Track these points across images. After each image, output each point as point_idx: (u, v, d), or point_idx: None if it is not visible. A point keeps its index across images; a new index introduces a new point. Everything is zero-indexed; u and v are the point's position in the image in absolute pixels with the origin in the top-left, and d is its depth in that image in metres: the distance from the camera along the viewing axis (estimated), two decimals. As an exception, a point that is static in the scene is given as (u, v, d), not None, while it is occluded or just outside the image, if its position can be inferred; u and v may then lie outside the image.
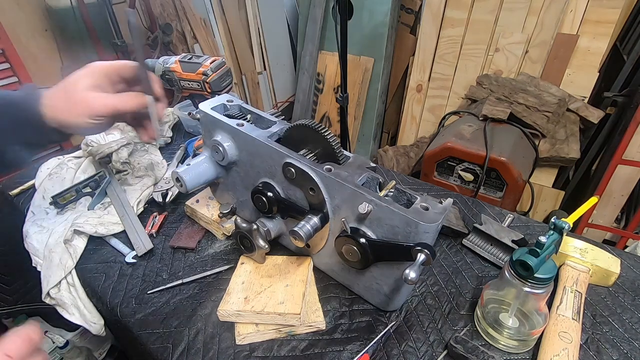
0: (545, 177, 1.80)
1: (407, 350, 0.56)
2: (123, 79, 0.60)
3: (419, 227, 0.47)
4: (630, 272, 0.66)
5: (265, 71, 2.90)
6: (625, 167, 1.57)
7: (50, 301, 0.72)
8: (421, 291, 0.65)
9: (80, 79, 0.55)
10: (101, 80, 0.56)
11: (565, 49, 1.74)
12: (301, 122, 0.57)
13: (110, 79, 0.58)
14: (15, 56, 1.66)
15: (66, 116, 0.54)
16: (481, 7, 1.89)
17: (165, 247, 0.77)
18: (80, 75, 0.56)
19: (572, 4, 1.69)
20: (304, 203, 0.59)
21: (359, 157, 0.57)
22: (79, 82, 0.55)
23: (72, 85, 0.55)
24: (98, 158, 0.93)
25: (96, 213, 0.81)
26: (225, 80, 0.90)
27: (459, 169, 1.65)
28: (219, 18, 2.53)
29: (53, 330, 1.13)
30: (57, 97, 0.55)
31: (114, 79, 0.58)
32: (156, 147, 1.03)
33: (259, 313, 0.57)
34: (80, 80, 0.55)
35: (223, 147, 0.64)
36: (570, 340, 0.51)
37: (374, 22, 2.21)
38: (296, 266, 0.66)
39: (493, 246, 0.70)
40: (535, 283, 0.49)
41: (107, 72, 0.57)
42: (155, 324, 0.62)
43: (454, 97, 2.09)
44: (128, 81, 0.60)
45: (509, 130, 1.67)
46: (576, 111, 1.72)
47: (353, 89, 2.36)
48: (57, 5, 1.94)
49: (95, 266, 0.74)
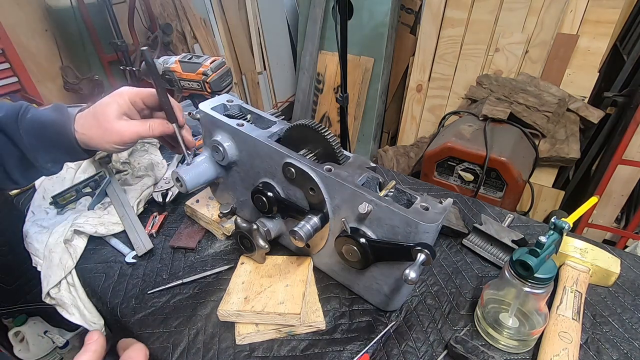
0: (545, 177, 1.80)
1: (407, 350, 0.56)
2: (148, 106, 0.64)
3: (419, 227, 0.47)
4: (630, 272, 0.66)
5: (265, 71, 2.90)
6: (625, 167, 1.57)
7: (50, 301, 0.72)
8: (421, 291, 0.65)
9: (109, 106, 0.59)
10: (128, 107, 0.61)
11: (565, 49, 1.74)
12: (301, 122, 0.57)
13: (137, 105, 0.62)
14: (15, 56, 1.67)
15: (97, 143, 0.59)
16: (481, 7, 1.89)
17: (165, 247, 0.77)
18: (109, 102, 0.59)
19: (572, 4, 1.69)
20: (304, 203, 0.59)
21: (359, 157, 0.57)
22: (108, 111, 0.59)
23: (102, 114, 0.58)
24: (98, 158, 0.93)
25: (96, 213, 0.81)
26: (225, 80, 0.90)
27: (459, 169, 1.65)
28: (219, 18, 2.54)
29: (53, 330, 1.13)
30: (89, 125, 0.59)
31: (139, 105, 0.63)
32: (156, 147, 1.03)
33: (259, 313, 0.57)
34: (109, 108, 0.59)
35: (223, 147, 0.64)
36: (570, 340, 0.51)
37: (374, 22, 2.21)
38: (296, 266, 0.66)
39: (493, 246, 0.70)
40: (535, 283, 0.49)
41: (134, 99, 0.61)
42: (155, 324, 0.62)
43: (454, 97, 2.09)
44: (152, 108, 0.65)
45: (509, 130, 1.67)
46: (576, 111, 1.72)
47: (353, 89, 2.36)
48: (57, 5, 1.94)
49: (95, 266, 0.74)
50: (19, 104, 0.58)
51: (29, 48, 1.85)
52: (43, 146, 0.58)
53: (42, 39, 1.91)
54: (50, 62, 1.96)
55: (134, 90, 0.62)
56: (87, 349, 0.41)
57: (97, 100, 0.61)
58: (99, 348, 0.42)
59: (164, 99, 0.60)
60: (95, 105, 0.60)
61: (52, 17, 1.93)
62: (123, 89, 0.61)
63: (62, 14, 1.96)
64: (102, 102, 0.60)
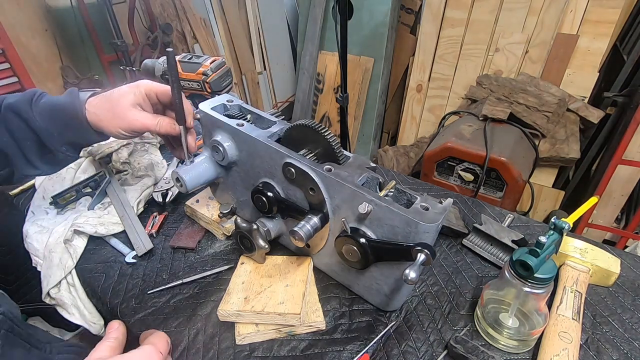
0: (545, 177, 1.80)
1: (407, 350, 0.56)
2: (161, 102, 0.66)
3: (419, 227, 0.47)
4: (630, 272, 0.66)
5: (265, 71, 2.90)
6: (625, 167, 1.57)
7: (50, 301, 0.72)
8: (421, 291, 0.65)
9: (125, 95, 0.61)
10: (143, 99, 0.63)
11: (565, 49, 1.74)
12: (301, 122, 0.57)
13: (151, 99, 0.64)
14: (15, 56, 1.66)
15: (105, 125, 0.61)
16: (481, 7, 1.89)
17: (165, 247, 0.77)
18: (126, 91, 0.61)
19: (572, 4, 1.69)
20: (304, 203, 0.59)
21: (359, 157, 0.57)
22: (123, 99, 0.61)
23: (117, 99, 0.61)
24: (98, 158, 0.93)
25: (96, 213, 0.81)
26: (225, 80, 0.90)
27: (459, 169, 1.65)
28: (219, 18, 2.54)
29: (53, 330, 1.13)
30: (101, 107, 0.61)
31: (154, 100, 0.65)
32: (156, 147, 1.03)
33: (259, 313, 0.57)
34: (125, 97, 0.61)
35: (223, 147, 0.64)
36: (570, 340, 0.51)
37: (374, 22, 2.21)
38: (296, 266, 0.66)
39: (493, 246, 0.70)
40: (535, 283, 0.49)
41: (149, 93, 0.63)
42: (155, 324, 0.62)
43: (454, 97, 2.09)
44: (165, 105, 0.67)
45: (509, 130, 1.67)
46: (576, 111, 1.72)
47: (353, 89, 2.36)
48: (57, 5, 1.94)
49: (95, 266, 0.74)
50: (32, 90, 0.61)
51: (29, 48, 1.85)
52: (56, 127, 0.60)
53: (42, 39, 1.91)
54: (50, 62, 1.97)
55: (151, 84, 0.64)
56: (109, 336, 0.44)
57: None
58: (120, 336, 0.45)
59: (177, 99, 0.61)
60: (112, 91, 0.62)
61: (52, 17, 1.93)
62: (141, 81, 0.64)
63: (62, 14, 1.96)
64: (120, 89, 0.62)
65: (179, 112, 0.62)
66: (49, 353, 0.48)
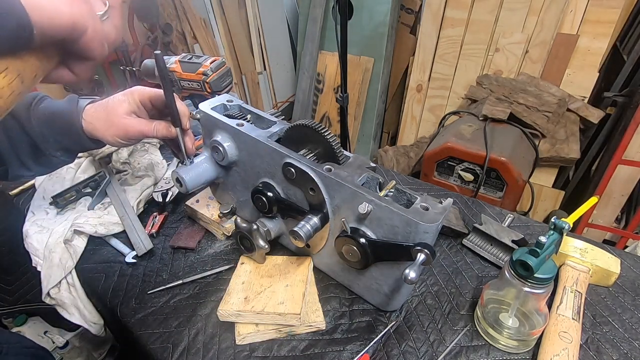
0: (545, 177, 1.80)
1: (407, 350, 0.56)
2: (155, 106, 0.65)
3: (419, 227, 0.47)
4: (630, 272, 0.66)
5: (265, 71, 2.90)
6: (625, 167, 1.57)
7: (50, 301, 0.72)
8: (421, 291, 0.65)
9: (120, 103, 0.61)
10: (137, 105, 0.63)
11: (565, 49, 1.74)
12: (301, 122, 0.57)
13: (145, 105, 0.64)
14: (15, 56, 1.66)
15: (102, 134, 0.61)
16: (481, 7, 1.89)
17: (165, 247, 0.77)
18: (120, 99, 0.62)
19: (572, 4, 1.69)
20: (304, 203, 0.59)
21: (359, 157, 0.57)
22: (117, 107, 0.61)
23: (113, 108, 0.61)
24: (98, 158, 0.93)
25: (96, 213, 0.81)
26: (225, 80, 0.90)
27: (459, 169, 1.65)
28: (219, 18, 2.53)
29: (53, 330, 1.13)
30: (97, 117, 0.61)
31: (148, 106, 0.65)
32: (156, 147, 1.03)
33: (259, 313, 0.57)
34: (119, 105, 0.61)
35: (223, 147, 0.64)
36: (570, 340, 0.51)
37: (374, 22, 2.21)
38: (296, 266, 0.66)
39: (493, 246, 0.70)
40: (535, 283, 0.49)
41: (143, 100, 0.63)
42: (155, 324, 0.62)
43: (454, 97, 2.09)
44: (160, 109, 0.66)
45: (509, 130, 1.67)
46: (576, 111, 1.72)
47: (353, 89, 2.36)
48: (57, 5, 1.93)
49: (95, 266, 0.74)
50: (34, 94, 0.61)
51: (29, 48, 1.85)
52: (51, 133, 0.60)
53: (42, 39, 1.91)
54: (50, 62, 1.96)
55: (144, 90, 0.64)
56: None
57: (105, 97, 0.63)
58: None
59: (170, 102, 0.61)
60: (108, 99, 0.62)
61: (52, 17, 1.93)
62: (135, 88, 0.64)
63: (62, 14, 1.96)
64: (114, 97, 0.62)
65: (173, 115, 0.62)
66: (5, 354, 0.47)
